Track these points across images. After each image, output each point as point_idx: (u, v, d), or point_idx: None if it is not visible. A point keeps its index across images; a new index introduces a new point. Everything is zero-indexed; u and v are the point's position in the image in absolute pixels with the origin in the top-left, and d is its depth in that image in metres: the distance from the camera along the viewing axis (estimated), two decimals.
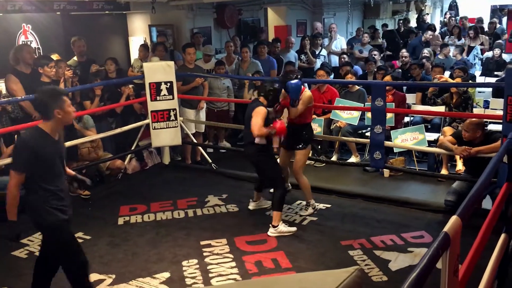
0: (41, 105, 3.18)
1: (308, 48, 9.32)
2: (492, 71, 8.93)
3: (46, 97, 3.15)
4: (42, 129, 3.15)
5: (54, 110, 3.10)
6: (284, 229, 4.66)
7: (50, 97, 3.14)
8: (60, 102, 3.13)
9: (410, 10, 15.30)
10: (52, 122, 3.13)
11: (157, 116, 6.45)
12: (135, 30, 8.94)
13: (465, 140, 4.87)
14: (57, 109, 3.10)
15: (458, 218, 1.93)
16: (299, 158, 5.05)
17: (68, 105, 3.18)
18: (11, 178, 3.09)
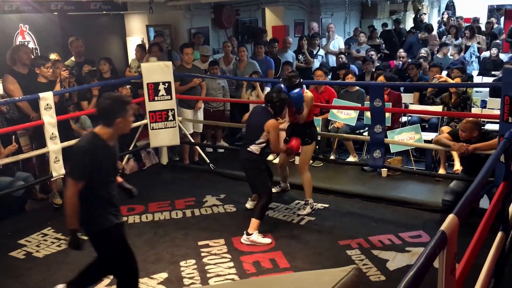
0: (105, 111, 3.08)
1: (306, 48, 9.33)
2: (490, 70, 8.95)
3: (112, 104, 3.07)
4: (100, 135, 3.08)
5: (117, 119, 3.05)
6: (257, 239, 4.50)
7: (116, 105, 3.07)
8: (124, 111, 3.08)
9: (408, 10, 15.33)
10: (111, 129, 3.08)
11: (155, 116, 6.44)
12: (132, 30, 8.94)
13: (462, 139, 4.88)
14: (120, 118, 3.05)
15: (455, 217, 1.94)
16: (304, 153, 5.09)
17: (130, 115, 3.16)
18: (70, 187, 3.01)
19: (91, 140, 3.07)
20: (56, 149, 5.27)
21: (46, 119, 5.14)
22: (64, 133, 5.40)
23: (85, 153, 3.01)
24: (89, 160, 2.99)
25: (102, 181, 3.11)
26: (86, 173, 3.00)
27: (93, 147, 3.02)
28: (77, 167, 3.03)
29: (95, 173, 3.03)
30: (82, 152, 3.04)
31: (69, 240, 3.15)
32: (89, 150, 3.01)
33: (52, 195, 5.53)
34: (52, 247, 4.61)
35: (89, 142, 3.06)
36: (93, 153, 3.01)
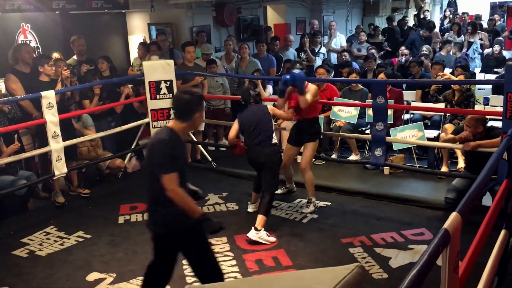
0: (185, 106, 3.02)
1: (308, 46, 9.31)
2: (492, 68, 8.93)
3: (192, 99, 3.02)
4: (174, 130, 3.01)
5: (195, 113, 3.01)
6: (265, 236, 4.50)
7: (195, 100, 3.03)
8: (201, 106, 3.07)
9: (410, 7, 15.29)
10: (186, 124, 3.03)
11: (157, 115, 6.44)
12: (134, 28, 8.94)
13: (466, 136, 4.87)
14: (198, 113, 3.02)
15: (458, 214, 1.93)
16: (308, 150, 5.10)
17: (204, 110, 3.14)
18: (170, 182, 2.87)
19: (169, 133, 2.98)
20: (58, 148, 5.27)
21: (48, 117, 5.14)
22: (66, 132, 5.40)
23: (168, 145, 2.92)
24: (172, 152, 2.91)
25: (179, 177, 2.97)
26: (175, 165, 2.89)
27: (173, 141, 2.96)
28: (166, 160, 2.89)
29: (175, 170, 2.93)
30: (165, 144, 2.93)
31: (207, 226, 2.95)
32: (170, 143, 2.93)
33: (55, 194, 5.54)
34: (55, 246, 4.61)
35: (168, 135, 2.97)
36: (173, 147, 2.94)
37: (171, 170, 2.87)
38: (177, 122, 3.03)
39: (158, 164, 2.92)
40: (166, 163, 2.88)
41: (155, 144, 2.98)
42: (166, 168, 2.87)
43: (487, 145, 4.69)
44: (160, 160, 2.92)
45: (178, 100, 3.07)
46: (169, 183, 2.86)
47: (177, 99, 3.11)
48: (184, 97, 3.04)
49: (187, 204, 2.91)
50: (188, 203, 2.92)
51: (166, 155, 2.89)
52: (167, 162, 2.88)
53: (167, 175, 2.86)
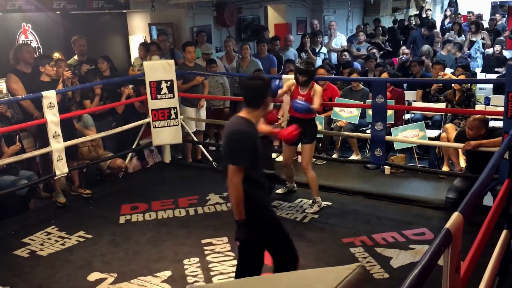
0: (255, 92, 2.99)
1: (309, 46, 9.31)
2: (493, 67, 8.92)
3: (264, 83, 3.01)
4: (247, 119, 2.97)
5: (266, 97, 2.98)
6: None
7: (266, 84, 3.02)
8: (270, 90, 3.04)
9: (410, 7, 15.28)
10: (259, 111, 3.00)
11: (158, 115, 6.45)
12: (135, 29, 8.94)
13: (469, 138, 4.86)
14: (268, 97, 3.00)
15: (459, 214, 1.93)
16: (306, 152, 5.09)
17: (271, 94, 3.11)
18: (235, 175, 2.87)
19: (245, 123, 2.95)
20: (59, 148, 5.27)
21: (49, 117, 5.15)
22: (67, 131, 5.40)
23: (248, 137, 2.91)
24: (252, 145, 2.91)
25: (258, 168, 3.01)
26: (249, 158, 2.89)
27: (251, 130, 2.94)
28: (241, 153, 2.89)
29: (255, 160, 2.93)
30: (246, 136, 2.92)
31: (238, 233, 3.02)
32: (250, 134, 2.92)
33: (56, 194, 5.54)
34: (56, 246, 4.62)
35: (246, 125, 2.94)
36: (253, 137, 2.93)
37: (241, 163, 2.87)
38: (248, 110, 2.99)
39: (232, 154, 2.93)
40: (238, 155, 2.90)
41: (232, 135, 2.97)
42: (238, 161, 2.88)
43: (488, 144, 4.68)
44: (233, 151, 2.93)
45: (247, 87, 3.05)
46: (235, 175, 2.87)
47: (246, 86, 3.09)
48: (254, 83, 3.02)
49: (238, 203, 2.93)
50: (239, 203, 2.92)
51: (242, 147, 2.90)
52: (240, 155, 2.89)
53: (236, 167, 2.87)
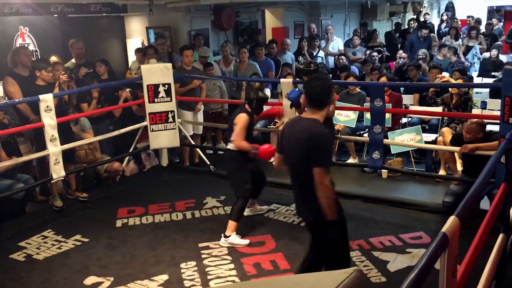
0: (324, 93, 3.04)
1: (306, 49, 9.33)
2: (490, 71, 8.95)
3: (328, 84, 3.10)
4: (320, 120, 3.01)
5: (331, 98, 3.06)
6: (235, 241, 4.49)
7: (329, 84, 3.11)
8: (333, 89, 3.13)
9: (407, 12, 15.34)
10: (325, 111, 3.05)
11: (155, 118, 6.44)
12: (132, 32, 8.94)
13: (466, 141, 4.88)
14: (332, 97, 3.09)
15: (456, 218, 1.94)
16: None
17: None
18: (323, 177, 2.89)
19: (321, 125, 3.00)
20: (56, 151, 5.26)
21: (46, 121, 5.14)
22: (64, 135, 5.39)
23: (328, 138, 3.00)
24: (330, 145, 3.03)
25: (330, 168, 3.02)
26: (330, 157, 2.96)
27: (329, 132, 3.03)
28: (326, 153, 2.95)
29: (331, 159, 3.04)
30: (326, 137, 2.99)
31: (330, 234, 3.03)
32: (329, 135, 3.01)
33: (53, 197, 5.52)
34: (52, 249, 4.60)
35: (323, 127, 2.99)
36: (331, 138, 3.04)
37: (327, 163, 2.91)
38: (315, 111, 3.03)
39: (319, 156, 2.92)
40: (326, 157, 2.95)
41: (314, 138, 2.96)
42: (326, 163, 2.92)
43: (485, 148, 4.70)
44: (320, 153, 2.93)
45: (313, 90, 3.07)
46: (325, 177, 2.89)
47: (311, 89, 3.10)
48: (318, 84, 3.07)
49: (332, 204, 2.95)
50: (331, 204, 2.94)
51: (327, 149, 2.97)
52: (327, 157, 2.95)
53: (324, 170, 2.89)
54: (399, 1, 14.51)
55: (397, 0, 14.33)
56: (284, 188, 5.82)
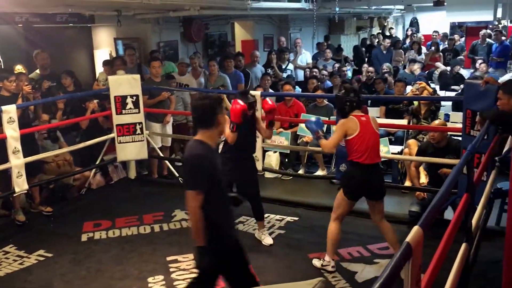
0: (207, 111, 2.89)
1: (275, 62, 9.42)
2: (450, 85, 9.25)
3: (213, 102, 2.91)
4: (204, 141, 2.89)
5: (218, 116, 2.89)
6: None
7: (216, 102, 2.92)
8: (221, 108, 2.94)
9: (374, 26, 15.72)
10: (213, 130, 2.91)
11: (123, 130, 6.36)
12: (100, 43, 8.83)
13: (434, 142, 5.03)
14: (219, 115, 2.90)
15: (419, 228, 1.97)
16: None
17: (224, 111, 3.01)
18: (192, 200, 2.78)
19: (201, 146, 2.87)
20: (18, 164, 5.11)
21: (8, 132, 5.00)
22: (27, 147, 5.25)
23: (204, 160, 2.82)
24: (209, 168, 2.82)
25: (219, 192, 2.93)
26: (206, 182, 2.80)
27: (208, 154, 2.85)
28: (198, 176, 2.79)
29: (214, 182, 2.85)
30: (200, 159, 2.82)
31: (198, 260, 2.87)
32: (206, 157, 2.83)
33: (15, 212, 5.36)
34: (14, 265, 4.45)
35: (202, 148, 2.86)
36: (210, 160, 2.84)
37: (198, 188, 2.79)
38: (202, 131, 2.91)
39: (188, 179, 2.87)
40: (195, 179, 2.81)
41: (188, 160, 2.90)
42: (195, 185, 2.80)
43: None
44: (190, 175, 2.86)
45: (196, 109, 2.96)
46: (192, 201, 2.79)
47: (195, 108, 2.99)
48: (202, 103, 2.93)
49: (197, 229, 2.82)
50: (199, 228, 2.81)
51: (198, 171, 2.81)
52: (197, 179, 2.80)
53: (193, 192, 2.79)
54: (365, 16, 14.88)
55: (363, 15, 14.69)
56: None
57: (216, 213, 2.89)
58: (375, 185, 4.15)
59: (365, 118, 4.14)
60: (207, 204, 2.81)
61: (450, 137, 5.27)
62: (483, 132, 3.75)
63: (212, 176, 2.84)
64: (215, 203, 2.89)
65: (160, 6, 6.97)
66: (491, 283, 3.74)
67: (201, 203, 2.79)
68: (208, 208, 2.82)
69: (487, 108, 4.15)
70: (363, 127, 4.05)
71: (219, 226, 2.90)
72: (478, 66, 9.38)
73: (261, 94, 6.04)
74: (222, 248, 2.92)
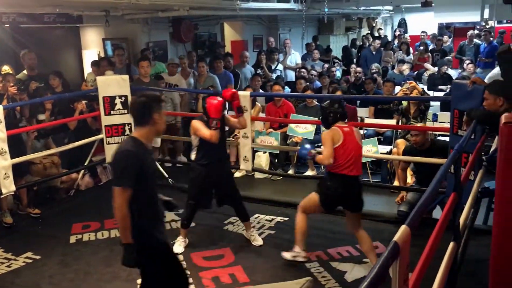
0: (142, 108, 2.90)
1: (265, 62, 9.43)
2: (438, 85, 9.33)
3: (148, 100, 2.92)
4: (139, 139, 2.89)
5: (154, 114, 2.88)
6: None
7: (152, 100, 2.93)
8: (159, 107, 2.94)
9: (363, 27, 15.82)
10: (148, 128, 2.90)
11: (111, 131, 6.32)
12: (88, 43, 8.78)
13: (416, 145, 5.06)
14: (157, 113, 2.89)
15: (407, 227, 1.98)
16: None
17: (164, 113, 3.00)
18: (118, 196, 2.76)
19: (132, 143, 2.86)
20: (5, 165, 5.06)
21: None
22: (15, 148, 5.20)
23: (132, 156, 2.79)
24: (136, 164, 2.79)
25: (149, 191, 2.91)
26: (134, 179, 2.77)
27: (138, 151, 2.82)
28: (125, 172, 2.77)
29: (142, 181, 2.81)
30: (128, 155, 2.81)
31: (123, 257, 2.86)
32: (135, 154, 2.80)
33: (2, 214, 5.30)
34: (1, 268, 4.41)
35: (132, 144, 2.85)
36: (139, 157, 2.81)
37: (125, 184, 2.77)
38: (138, 128, 2.95)
39: (116, 174, 2.87)
40: (123, 175, 2.79)
41: (118, 154, 2.88)
42: (122, 181, 2.79)
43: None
44: (117, 171, 2.85)
45: (133, 105, 3.01)
46: (118, 197, 2.77)
47: (132, 104, 3.04)
48: (140, 99, 2.96)
49: (123, 225, 2.82)
50: (124, 226, 2.81)
51: (125, 166, 2.79)
52: (124, 175, 2.79)
53: (120, 188, 2.78)
54: (354, 17, 14.96)
55: (352, 16, 14.76)
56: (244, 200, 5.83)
57: (140, 214, 2.85)
58: (353, 198, 4.14)
59: (348, 129, 4.11)
60: (133, 203, 2.80)
61: (434, 138, 5.31)
62: (469, 131, 3.78)
63: (140, 174, 2.81)
64: (141, 203, 2.86)
65: (149, 6, 6.94)
66: (479, 281, 3.78)
67: (127, 200, 2.77)
68: (134, 207, 2.80)
69: (474, 108, 4.19)
70: (346, 138, 4.02)
71: (143, 227, 2.87)
72: (465, 67, 9.47)
73: (251, 94, 6.05)
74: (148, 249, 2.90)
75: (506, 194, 2.48)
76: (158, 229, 2.99)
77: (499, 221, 2.59)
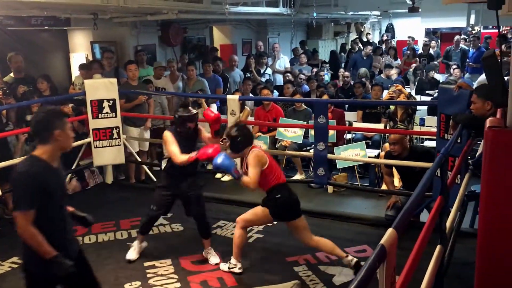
0: (42, 124, 2.74)
1: (254, 66, 9.45)
2: (425, 90, 9.43)
3: (48, 116, 2.76)
4: (39, 157, 2.72)
5: (54, 131, 2.71)
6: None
7: (52, 116, 2.76)
8: (62, 123, 2.78)
9: (351, 32, 15.93)
10: (50, 145, 2.73)
11: (99, 134, 6.28)
12: (76, 46, 8.72)
13: (395, 154, 5.08)
14: (58, 130, 2.72)
15: (394, 230, 2.00)
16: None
17: (69, 128, 2.82)
18: (20, 220, 2.63)
19: (32, 163, 2.71)
20: None
21: None
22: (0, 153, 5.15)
23: (30, 177, 2.65)
24: (36, 185, 2.64)
25: (53, 210, 2.78)
26: (35, 199, 2.64)
27: (37, 170, 2.67)
28: (24, 196, 2.65)
29: (45, 199, 2.69)
30: (26, 177, 2.66)
31: (56, 270, 2.72)
32: (33, 174, 2.65)
33: None
34: None
35: (31, 165, 2.69)
36: (38, 177, 2.66)
37: (26, 207, 2.64)
38: (40, 146, 2.75)
39: (15, 198, 2.73)
40: (22, 199, 2.65)
41: (15, 176, 2.71)
42: (22, 205, 2.65)
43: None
44: (17, 195, 2.72)
45: (33, 120, 2.83)
46: (20, 221, 2.64)
47: (32, 119, 2.88)
48: (39, 115, 2.80)
49: (36, 245, 2.68)
50: (38, 244, 2.67)
51: (24, 189, 2.65)
52: (24, 199, 2.65)
53: (21, 212, 2.64)
54: (343, 22, 15.07)
55: (341, 21, 14.87)
56: (232, 204, 5.84)
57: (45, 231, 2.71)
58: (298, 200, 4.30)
59: (258, 147, 4.26)
60: (38, 220, 2.68)
61: (413, 145, 5.33)
62: (455, 136, 3.82)
63: (43, 193, 2.69)
64: (46, 220, 2.74)
65: (137, 9, 6.93)
66: (465, 283, 3.81)
67: (31, 221, 2.65)
68: (38, 223, 2.68)
69: (460, 112, 4.24)
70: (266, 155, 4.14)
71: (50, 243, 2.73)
72: (452, 71, 9.58)
73: (239, 98, 6.05)
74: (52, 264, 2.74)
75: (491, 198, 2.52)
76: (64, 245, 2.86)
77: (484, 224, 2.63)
